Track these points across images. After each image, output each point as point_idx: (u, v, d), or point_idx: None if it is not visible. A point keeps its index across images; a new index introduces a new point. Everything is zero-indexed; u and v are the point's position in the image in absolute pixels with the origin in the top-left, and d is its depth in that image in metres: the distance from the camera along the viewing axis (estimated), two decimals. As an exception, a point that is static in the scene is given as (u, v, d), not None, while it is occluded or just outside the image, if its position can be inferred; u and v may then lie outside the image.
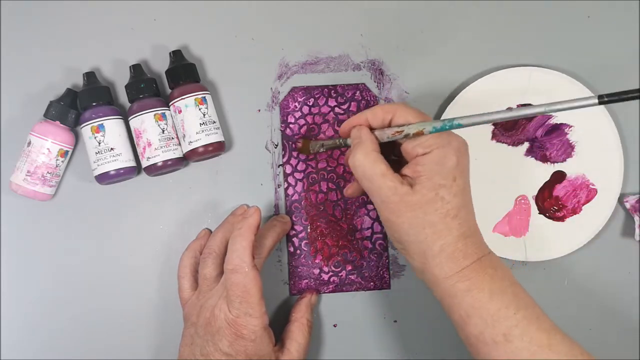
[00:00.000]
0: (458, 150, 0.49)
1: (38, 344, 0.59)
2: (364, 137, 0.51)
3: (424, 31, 0.62)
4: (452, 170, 0.48)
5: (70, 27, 0.61)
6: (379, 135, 0.51)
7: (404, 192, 0.48)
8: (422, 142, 0.49)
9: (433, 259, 0.49)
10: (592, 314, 0.61)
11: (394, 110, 0.50)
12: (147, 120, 0.57)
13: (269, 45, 0.61)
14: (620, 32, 0.63)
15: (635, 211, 0.60)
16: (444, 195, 0.48)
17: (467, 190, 0.50)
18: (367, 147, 0.50)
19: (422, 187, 0.48)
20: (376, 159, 0.49)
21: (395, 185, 0.48)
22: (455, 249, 0.48)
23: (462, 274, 0.48)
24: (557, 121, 0.61)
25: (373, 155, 0.49)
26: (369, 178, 0.49)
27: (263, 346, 0.51)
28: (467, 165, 0.50)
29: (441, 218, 0.48)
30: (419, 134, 0.49)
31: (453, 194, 0.48)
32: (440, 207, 0.48)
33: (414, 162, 0.49)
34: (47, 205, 0.59)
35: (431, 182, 0.48)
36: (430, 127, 0.48)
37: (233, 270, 0.50)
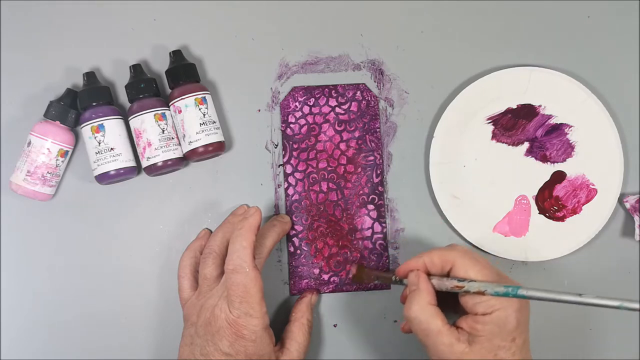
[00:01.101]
0: (519, 310, 0.48)
1: (38, 344, 0.59)
2: (422, 287, 0.50)
3: (424, 31, 0.62)
4: (512, 332, 0.48)
5: (70, 27, 0.61)
6: (438, 284, 0.50)
7: (461, 351, 0.48)
8: (483, 301, 0.48)
9: None
10: (592, 314, 0.61)
11: (452, 260, 0.50)
12: (147, 120, 0.57)
13: (269, 45, 0.61)
14: (620, 32, 0.63)
15: (635, 211, 0.60)
16: (503, 356, 0.47)
17: (526, 345, 0.49)
18: (423, 300, 0.49)
19: (482, 347, 0.47)
20: (432, 314, 0.49)
21: (451, 343, 0.48)
22: None
23: None
24: (557, 121, 0.61)
25: (429, 309, 0.49)
26: (425, 333, 0.49)
27: (263, 346, 0.51)
28: (527, 322, 0.50)
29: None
30: (480, 293, 0.48)
31: (512, 353, 0.48)
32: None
33: (473, 319, 0.48)
34: (47, 205, 0.59)
35: (490, 344, 0.47)
36: (492, 290, 0.47)
37: (234, 270, 0.50)
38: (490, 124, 0.61)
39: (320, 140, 0.61)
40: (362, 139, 0.61)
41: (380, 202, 0.61)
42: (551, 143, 0.61)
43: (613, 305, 0.45)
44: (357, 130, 0.61)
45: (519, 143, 0.61)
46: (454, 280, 0.49)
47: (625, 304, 0.44)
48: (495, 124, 0.61)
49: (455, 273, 0.50)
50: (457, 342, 0.48)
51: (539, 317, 0.61)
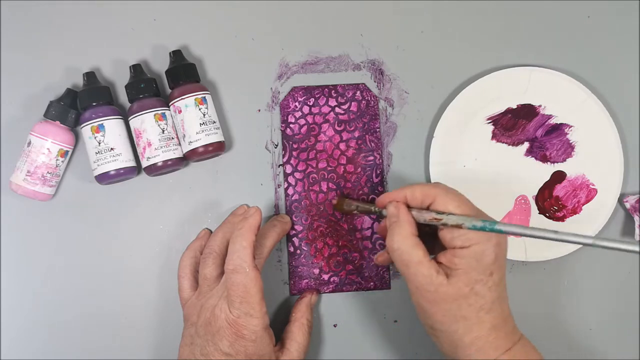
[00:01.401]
0: (497, 245, 0.48)
1: (38, 344, 0.59)
2: (402, 218, 0.50)
3: (424, 31, 0.62)
4: (490, 266, 0.48)
5: (70, 27, 0.61)
6: (417, 216, 0.50)
7: (440, 282, 0.48)
8: (462, 235, 0.48)
9: (463, 350, 0.49)
10: (592, 314, 0.61)
11: (434, 196, 0.50)
12: (147, 120, 0.57)
13: (269, 45, 0.61)
14: (620, 32, 0.63)
15: (635, 211, 0.60)
16: (479, 290, 0.48)
17: (503, 281, 0.50)
18: (405, 230, 0.49)
19: (458, 280, 0.48)
20: (413, 244, 0.49)
21: (430, 274, 0.48)
22: (485, 342, 0.48)
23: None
24: (557, 121, 0.61)
25: (411, 239, 0.49)
26: (405, 263, 0.49)
27: (263, 346, 0.51)
28: (505, 258, 0.50)
29: (475, 312, 0.48)
30: (458, 227, 0.48)
31: (488, 288, 0.48)
32: (474, 302, 0.48)
33: (452, 252, 0.49)
34: (47, 205, 0.59)
35: (468, 277, 0.48)
36: (469, 224, 0.48)
37: (234, 270, 0.50)
38: (490, 124, 0.61)
39: (320, 140, 0.61)
40: (362, 139, 0.61)
41: (380, 202, 0.61)
42: (551, 143, 0.61)
43: (587, 242, 0.45)
44: (357, 130, 0.61)
45: (519, 143, 0.61)
46: (432, 213, 0.49)
47: (597, 242, 0.44)
48: (495, 124, 0.61)
49: (435, 207, 0.50)
50: (435, 274, 0.48)
51: (539, 317, 0.61)
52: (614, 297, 0.61)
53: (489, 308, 0.48)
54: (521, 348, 0.49)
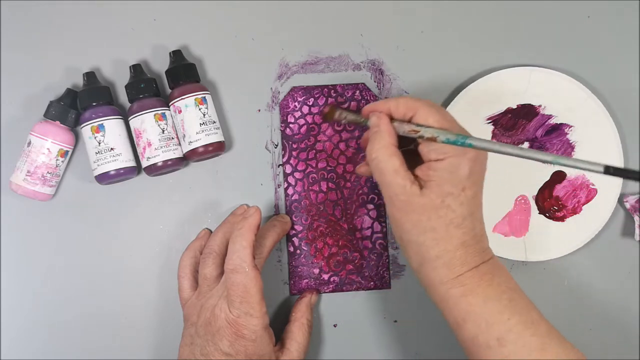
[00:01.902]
0: (473, 160, 0.48)
1: (38, 344, 0.59)
2: (382, 128, 0.50)
3: (424, 31, 0.62)
4: (463, 180, 0.48)
5: (70, 27, 0.61)
6: (397, 127, 0.50)
7: (412, 192, 0.48)
8: (438, 148, 0.48)
9: (430, 263, 0.49)
10: (592, 313, 0.61)
11: (417, 108, 0.50)
12: (147, 120, 0.57)
13: (269, 45, 0.61)
14: (620, 32, 0.63)
15: (635, 211, 0.60)
16: (450, 204, 0.48)
17: (477, 200, 0.50)
18: (384, 140, 0.49)
19: (431, 192, 0.48)
20: (391, 154, 0.49)
21: (405, 184, 0.48)
22: (453, 257, 0.48)
23: (458, 280, 0.48)
24: (557, 121, 0.61)
25: (389, 149, 0.49)
26: (381, 171, 0.49)
27: (263, 346, 0.51)
28: (481, 175, 0.50)
29: (444, 225, 0.48)
30: (433, 139, 0.48)
31: (459, 202, 0.48)
32: (444, 215, 0.48)
33: (427, 165, 0.49)
34: (47, 205, 0.59)
35: (440, 189, 0.48)
36: (444, 137, 0.48)
37: (233, 270, 0.50)
38: (490, 124, 0.61)
39: (320, 140, 0.61)
40: (362, 138, 0.61)
41: (380, 202, 0.61)
42: (551, 143, 0.61)
43: (547, 159, 0.45)
44: (357, 129, 0.61)
45: (519, 143, 0.61)
46: (412, 125, 0.50)
47: (557, 160, 0.45)
48: (495, 124, 0.61)
49: (416, 120, 0.50)
50: (410, 184, 0.48)
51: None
52: (614, 297, 0.61)
53: (459, 223, 0.48)
54: (489, 266, 0.49)
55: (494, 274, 0.49)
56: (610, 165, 0.43)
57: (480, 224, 0.50)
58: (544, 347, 0.47)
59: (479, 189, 0.50)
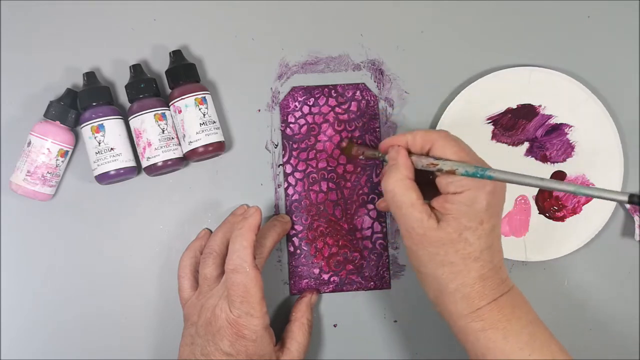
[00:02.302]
0: (491, 193, 0.48)
1: (38, 344, 0.59)
2: (400, 162, 0.50)
3: (424, 31, 0.62)
4: (481, 214, 0.48)
5: (70, 27, 0.61)
6: (416, 161, 0.50)
7: (429, 226, 0.48)
8: (455, 181, 0.48)
9: (448, 297, 0.49)
10: (592, 313, 0.61)
11: (433, 141, 0.50)
12: (147, 120, 0.57)
13: (269, 45, 0.61)
14: (620, 32, 0.63)
15: (635, 211, 0.60)
16: (468, 237, 0.48)
17: (495, 232, 0.49)
18: (401, 173, 0.49)
19: (448, 225, 0.48)
20: (408, 187, 0.49)
21: (422, 218, 0.48)
22: (471, 290, 0.48)
23: (477, 314, 0.48)
24: (557, 121, 0.61)
25: (406, 182, 0.49)
26: (398, 205, 0.49)
27: (264, 346, 0.51)
28: (499, 206, 0.50)
29: (462, 259, 0.48)
30: (452, 172, 0.48)
31: (477, 236, 0.48)
32: (462, 249, 0.48)
33: (444, 198, 0.49)
34: (47, 205, 0.59)
35: (457, 223, 0.47)
36: (462, 169, 0.48)
37: (234, 270, 0.50)
38: (490, 124, 0.61)
39: (320, 140, 0.61)
40: (362, 138, 0.61)
41: (380, 202, 0.61)
42: (551, 143, 0.61)
43: (569, 190, 0.46)
44: (357, 129, 0.61)
45: (519, 143, 0.61)
46: (430, 158, 0.50)
47: (580, 190, 0.45)
48: (495, 124, 0.61)
49: (434, 153, 0.50)
50: (427, 218, 0.48)
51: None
52: (614, 297, 0.61)
53: (477, 257, 0.48)
54: (508, 298, 0.49)
55: (514, 306, 0.49)
56: (635, 194, 0.43)
57: (499, 255, 0.50)
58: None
59: (497, 222, 0.49)
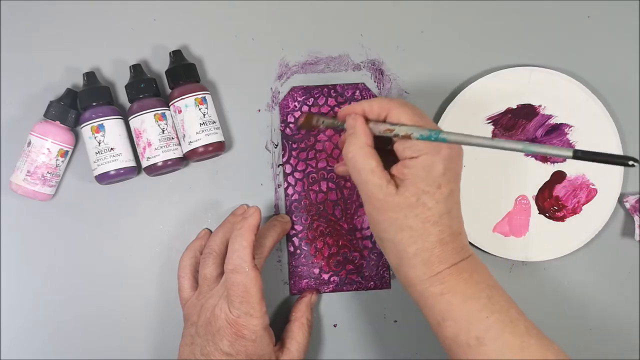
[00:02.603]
0: (448, 158, 0.48)
1: (38, 344, 0.59)
2: (358, 129, 0.50)
3: (424, 31, 0.62)
4: (438, 178, 0.48)
5: (70, 27, 0.61)
6: (373, 127, 0.51)
7: (389, 192, 0.48)
8: (412, 146, 0.48)
9: (408, 261, 0.49)
10: (592, 313, 0.61)
11: (389, 108, 0.50)
12: (147, 120, 0.57)
13: (269, 45, 0.61)
14: (620, 32, 0.63)
15: (635, 211, 0.60)
16: (426, 202, 0.48)
17: (454, 197, 0.49)
18: (360, 140, 0.50)
19: (406, 190, 0.48)
20: (367, 154, 0.49)
21: (381, 184, 0.48)
22: (431, 255, 0.48)
23: (436, 278, 0.48)
24: (557, 121, 0.61)
25: (365, 149, 0.49)
26: (358, 171, 0.49)
27: (263, 346, 0.51)
28: (457, 172, 0.50)
29: (420, 223, 0.48)
30: (407, 137, 0.48)
31: (435, 200, 0.48)
32: (420, 213, 0.48)
33: (402, 163, 0.49)
34: (47, 205, 0.59)
35: (415, 187, 0.48)
36: (417, 133, 0.48)
37: (233, 270, 0.50)
38: (490, 124, 0.61)
39: (320, 140, 0.61)
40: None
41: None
42: (551, 143, 0.61)
43: (517, 148, 0.46)
44: (357, 130, 0.61)
45: (519, 143, 0.61)
46: (386, 124, 0.50)
47: (527, 147, 0.45)
48: (495, 124, 0.61)
49: (390, 120, 0.50)
50: (386, 183, 0.48)
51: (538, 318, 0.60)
52: (614, 297, 0.61)
53: (435, 221, 0.48)
54: (468, 264, 0.49)
55: (473, 271, 0.49)
56: (579, 149, 0.43)
57: (458, 221, 0.50)
58: (522, 345, 0.47)
59: (456, 187, 0.50)
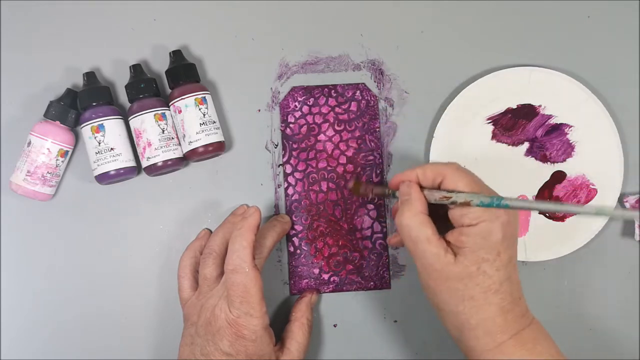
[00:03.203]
0: (506, 224, 0.47)
1: (38, 344, 0.59)
2: (413, 197, 0.49)
3: (424, 31, 0.62)
4: (497, 245, 0.47)
5: (70, 27, 0.61)
6: (428, 195, 0.50)
7: (447, 261, 0.47)
8: (469, 213, 0.47)
9: (469, 332, 0.48)
10: (592, 314, 0.61)
11: (444, 173, 0.49)
12: (147, 120, 0.57)
13: (269, 45, 0.61)
14: (620, 32, 0.63)
15: (635, 211, 0.60)
16: (487, 270, 0.47)
17: (513, 263, 0.49)
18: (415, 208, 0.49)
19: (465, 259, 0.47)
20: (423, 222, 0.48)
21: (438, 253, 0.47)
22: (493, 324, 0.47)
23: (499, 349, 0.47)
24: (557, 121, 0.61)
25: (420, 217, 0.48)
26: (413, 240, 0.48)
27: (263, 346, 0.51)
28: (515, 238, 0.49)
29: (482, 292, 0.47)
30: (466, 204, 0.48)
31: (496, 268, 0.47)
32: (481, 282, 0.47)
33: (459, 231, 0.48)
34: (47, 205, 0.59)
35: (474, 256, 0.47)
36: (477, 200, 0.47)
37: (233, 270, 0.50)
38: (490, 124, 0.61)
39: (320, 140, 0.61)
40: (362, 138, 0.61)
41: (380, 202, 0.61)
42: (551, 143, 0.61)
43: (589, 212, 0.46)
44: (357, 129, 0.61)
45: (519, 143, 0.61)
46: (443, 192, 0.49)
47: (602, 210, 0.46)
48: (495, 124, 0.61)
49: (445, 186, 0.49)
50: (443, 253, 0.47)
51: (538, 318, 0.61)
52: (614, 297, 0.61)
53: (497, 289, 0.47)
54: (531, 332, 0.48)
55: (536, 341, 0.48)
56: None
57: (518, 286, 0.49)
58: None
59: (514, 253, 0.49)
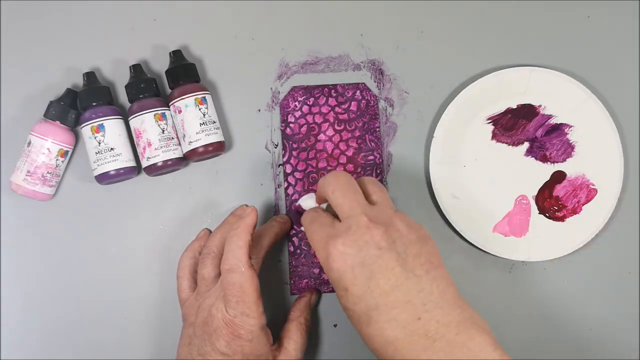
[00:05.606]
0: (324, 261, 0.47)
1: (38, 344, 0.59)
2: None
3: (424, 31, 0.62)
4: (343, 281, 0.46)
5: (70, 27, 0.61)
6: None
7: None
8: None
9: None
10: (592, 313, 0.61)
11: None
12: (147, 120, 0.57)
13: (269, 45, 0.61)
14: (620, 32, 0.63)
15: (635, 211, 0.60)
16: (346, 306, 0.47)
17: (371, 289, 0.45)
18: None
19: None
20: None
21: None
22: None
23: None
24: (557, 121, 0.61)
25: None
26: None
27: (260, 346, 0.51)
28: (350, 266, 0.46)
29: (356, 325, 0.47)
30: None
31: (352, 302, 0.46)
32: (350, 317, 0.47)
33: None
34: (47, 205, 0.59)
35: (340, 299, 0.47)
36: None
37: (229, 270, 0.50)
38: (490, 124, 0.61)
39: (320, 140, 0.61)
40: (362, 138, 0.61)
41: (380, 202, 0.61)
42: (551, 143, 0.61)
43: None
44: (357, 129, 0.61)
45: (519, 143, 0.61)
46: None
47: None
48: (495, 124, 0.61)
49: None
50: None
51: (539, 318, 0.61)
52: (614, 297, 0.61)
53: (367, 322, 0.46)
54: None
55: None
56: None
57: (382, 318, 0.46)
58: None
59: (370, 278, 0.46)
